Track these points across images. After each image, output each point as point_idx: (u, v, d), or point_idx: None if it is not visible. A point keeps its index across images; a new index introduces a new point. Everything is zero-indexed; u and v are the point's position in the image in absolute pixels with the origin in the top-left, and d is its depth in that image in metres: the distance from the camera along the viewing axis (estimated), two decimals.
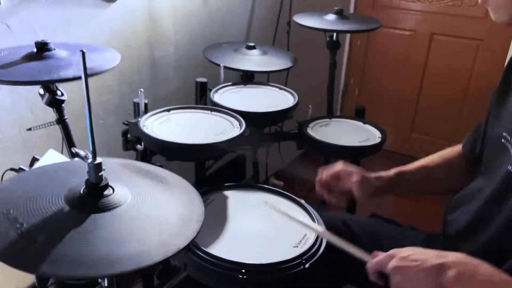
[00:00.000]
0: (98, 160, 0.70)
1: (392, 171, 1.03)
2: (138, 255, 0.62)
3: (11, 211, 0.66)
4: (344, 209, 1.73)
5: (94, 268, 0.60)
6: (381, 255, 0.75)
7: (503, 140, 0.85)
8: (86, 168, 0.70)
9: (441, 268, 0.69)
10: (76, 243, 0.63)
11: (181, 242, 0.66)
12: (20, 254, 0.60)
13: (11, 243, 0.61)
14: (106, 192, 0.71)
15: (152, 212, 0.72)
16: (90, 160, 0.70)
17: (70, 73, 0.96)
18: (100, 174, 0.70)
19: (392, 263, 0.72)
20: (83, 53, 0.64)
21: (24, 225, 0.64)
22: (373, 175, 1.00)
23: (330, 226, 1.02)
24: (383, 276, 0.75)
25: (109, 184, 0.72)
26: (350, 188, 0.98)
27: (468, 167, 1.03)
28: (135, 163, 0.89)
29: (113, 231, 0.66)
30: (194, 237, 0.67)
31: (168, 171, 0.85)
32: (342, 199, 1.02)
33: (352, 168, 1.00)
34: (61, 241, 0.62)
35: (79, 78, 0.65)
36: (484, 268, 0.69)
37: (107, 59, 1.06)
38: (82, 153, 0.71)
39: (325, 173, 1.02)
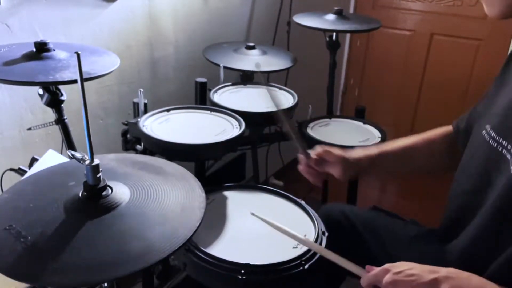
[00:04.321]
0: (96, 161, 0.69)
1: (374, 152, 1.02)
2: (145, 253, 0.61)
3: (14, 225, 0.65)
4: (345, 201, 1.73)
5: (102, 272, 0.59)
6: (375, 270, 0.76)
7: (483, 132, 0.85)
8: (83, 169, 0.69)
9: (434, 283, 0.70)
10: (82, 249, 0.62)
11: (187, 232, 0.65)
12: (29, 269, 0.59)
13: (19, 259, 0.60)
14: (105, 193, 0.70)
15: (153, 206, 0.70)
16: (87, 162, 0.69)
17: (67, 75, 0.95)
18: (98, 175, 0.69)
19: (387, 278, 0.73)
20: (78, 55, 0.63)
21: (28, 238, 0.63)
22: (354, 156, 1.00)
23: (330, 217, 1.02)
24: None
25: (107, 183, 0.71)
26: (331, 172, 0.99)
27: (450, 149, 1.03)
28: (130, 157, 0.87)
29: (116, 231, 0.65)
30: (199, 225, 0.67)
31: (164, 160, 0.84)
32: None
33: (333, 150, 0.99)
34: (67, 249, 0.61)
35: (76, 81, 0.64)
36: (475, 280, 0.71)
37: (106, 62, 1.05)
38: (78, 155, 0.70)
39: (307, 159, 1.00)
